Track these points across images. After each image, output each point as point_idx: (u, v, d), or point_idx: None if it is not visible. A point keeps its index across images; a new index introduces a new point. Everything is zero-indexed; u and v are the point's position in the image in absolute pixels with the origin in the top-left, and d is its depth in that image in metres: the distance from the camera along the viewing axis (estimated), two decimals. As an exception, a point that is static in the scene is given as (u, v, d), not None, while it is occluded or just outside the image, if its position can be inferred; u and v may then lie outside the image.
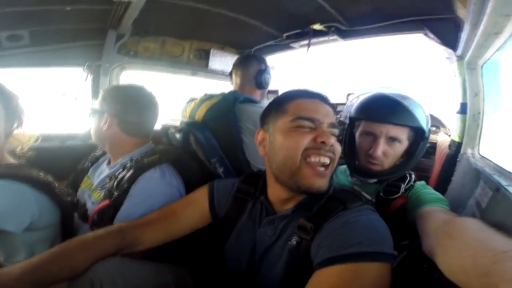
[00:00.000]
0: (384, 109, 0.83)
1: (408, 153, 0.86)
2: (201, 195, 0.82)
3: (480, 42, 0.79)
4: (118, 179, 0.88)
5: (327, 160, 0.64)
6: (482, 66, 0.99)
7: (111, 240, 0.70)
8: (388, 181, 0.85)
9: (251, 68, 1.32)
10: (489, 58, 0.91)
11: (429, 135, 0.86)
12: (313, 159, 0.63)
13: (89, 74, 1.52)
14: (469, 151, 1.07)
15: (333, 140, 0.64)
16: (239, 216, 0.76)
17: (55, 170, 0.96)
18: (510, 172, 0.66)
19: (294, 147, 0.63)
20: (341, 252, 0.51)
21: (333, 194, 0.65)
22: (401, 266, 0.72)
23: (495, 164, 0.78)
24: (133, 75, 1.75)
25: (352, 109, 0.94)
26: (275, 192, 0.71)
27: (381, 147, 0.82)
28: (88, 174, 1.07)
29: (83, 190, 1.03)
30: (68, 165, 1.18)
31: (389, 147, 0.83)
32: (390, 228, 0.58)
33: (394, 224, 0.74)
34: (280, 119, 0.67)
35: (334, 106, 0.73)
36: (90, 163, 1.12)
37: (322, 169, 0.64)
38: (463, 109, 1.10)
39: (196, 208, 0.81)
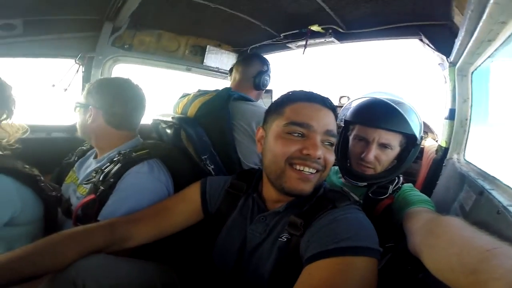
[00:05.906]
0: (377, 114, 0.83)
1: (399, 159, 0.87)
2: (194, 191, 0.81)
3: (473, 49, 0.80)
4: (105, 173, 0.86)
5: (312, 170, 0.64)
6: (472, 73, 1.00)
7: (101, 233, 0.68)
8: (377, 185, 0.86)
9: (252, 67, 1.31)
10: (479, 65, 0.92)
11: (420, 142, 0.87)
12: (298, 167, 0.63)
13: (81, 66, 1.48)
14: (455, 156, 1.09)
15: (319, 152, 0.62)
16: (230, 212, 0.76)
17: (40, 163, 0.92)
18: (493, 177, 0.67)
19: (279, 153, 0.64)
20: (331, 247, 0.52)
21: (323, 194, 0.67)
22: (387, 268, 0.73)
23: (479, 169, 0.79)
24: (127, 70, 1.72)
25: (348, 113, 0.96)
26: (268, 190, 0.72)
27: (373, 152, 0.84)
28: (74, 168, 1.04)
29: (68, 184, 1.01)
30: (54, 157, 1.14)
31: (381, 152, 0.85)
32: (376, 227, 0.59)
33: (380, 224, 0.75)
34: (276, 121, 0.68)
35: (335, 110, 0.68)
36: (76, 157, 1.09)
37: (307, 173, 0.63)
38: (451, 115, 1.12)
39: (189, 204, 0.80)
